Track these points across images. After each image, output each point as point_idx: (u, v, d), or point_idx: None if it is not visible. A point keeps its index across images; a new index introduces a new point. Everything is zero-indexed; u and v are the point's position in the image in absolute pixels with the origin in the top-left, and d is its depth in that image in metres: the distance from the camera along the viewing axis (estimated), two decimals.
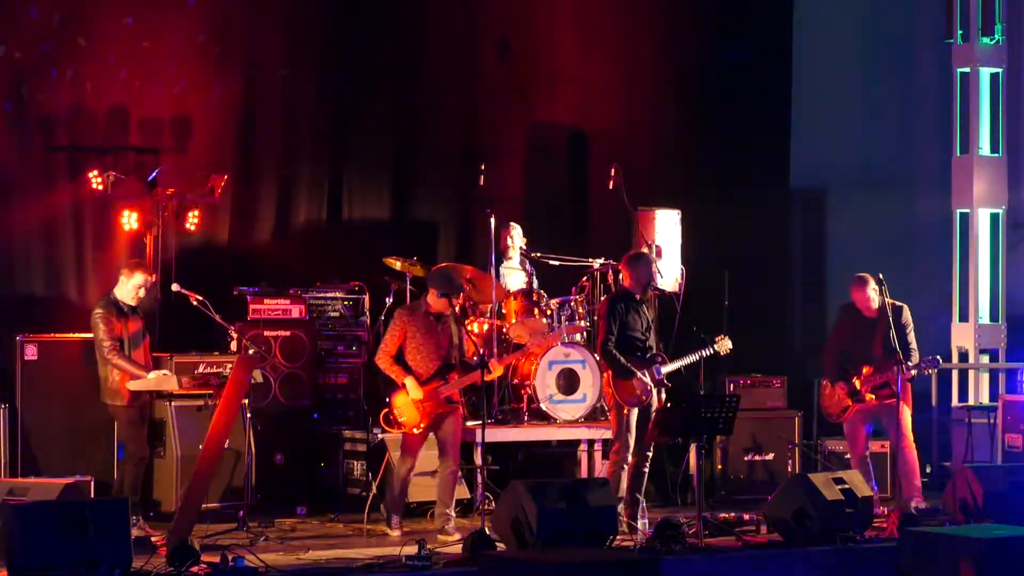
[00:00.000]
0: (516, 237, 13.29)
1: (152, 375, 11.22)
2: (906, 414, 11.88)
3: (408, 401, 11.02)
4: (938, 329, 15.19)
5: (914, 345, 12.05)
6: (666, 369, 11.33)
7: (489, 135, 14.77)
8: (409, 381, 11.01)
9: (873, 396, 12.01)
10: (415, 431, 11.03)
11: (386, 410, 11.10)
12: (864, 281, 12.12)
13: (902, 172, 16.52)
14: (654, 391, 11.25)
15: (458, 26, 14.77)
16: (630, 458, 11.22)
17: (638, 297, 11.42)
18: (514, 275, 13.24)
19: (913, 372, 11.89)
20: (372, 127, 14.36)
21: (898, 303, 12.06)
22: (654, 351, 11.39)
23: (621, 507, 10.87)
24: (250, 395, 11.38)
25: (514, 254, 13.28)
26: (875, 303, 12.03)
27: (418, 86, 14.49)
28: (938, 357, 12.10)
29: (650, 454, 11.38)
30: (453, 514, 11.14)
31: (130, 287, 11.29)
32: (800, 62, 16.10)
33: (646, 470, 11.37)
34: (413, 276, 12.98)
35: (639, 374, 11.23)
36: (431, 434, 11.20)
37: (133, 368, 11.16)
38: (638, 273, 11.41)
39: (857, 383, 12.05)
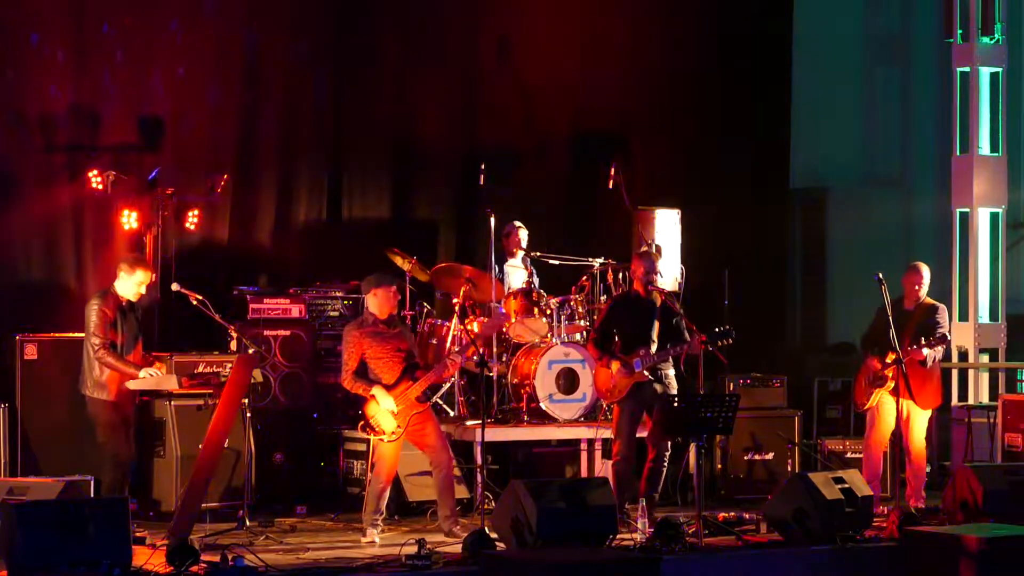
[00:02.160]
0: (523, 237, 13.32)
1: (143, 373, 10.99)
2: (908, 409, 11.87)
3: (380, 409, 10.92)
4: None
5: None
6: (648, 361, 11.26)
7: (489, 135, 14.77)
8: (377, 391, 10.82)
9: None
10: (393, 437, 10.92)
11: (362, 421, 10.97)
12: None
13: (902, 172, 16.53)
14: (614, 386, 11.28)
15: (458, 25, 14.77)
16: (647, 454, 11.23)
17: (643, 297, 11.40)
18: (517, 274, 13.26)
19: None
20: (372, 127, 14.36)
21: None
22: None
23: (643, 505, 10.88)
24: (250, 395, 11.37)
25: (519, 253, 13.31)
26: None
27: (418, 85, 14.49)
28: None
29: (667, 452, 11.33)
30: (458, 516, 11.07)
31: (132, 283, 11.05)
32: (800, 62, 16.10)
33: (663, 468, 11.34)
34: (413, 276, 12.99)
35: (602, 368, 11.30)
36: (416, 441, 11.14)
37: (123, 367, 10.90)
38: (638, 270, 11.43)
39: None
